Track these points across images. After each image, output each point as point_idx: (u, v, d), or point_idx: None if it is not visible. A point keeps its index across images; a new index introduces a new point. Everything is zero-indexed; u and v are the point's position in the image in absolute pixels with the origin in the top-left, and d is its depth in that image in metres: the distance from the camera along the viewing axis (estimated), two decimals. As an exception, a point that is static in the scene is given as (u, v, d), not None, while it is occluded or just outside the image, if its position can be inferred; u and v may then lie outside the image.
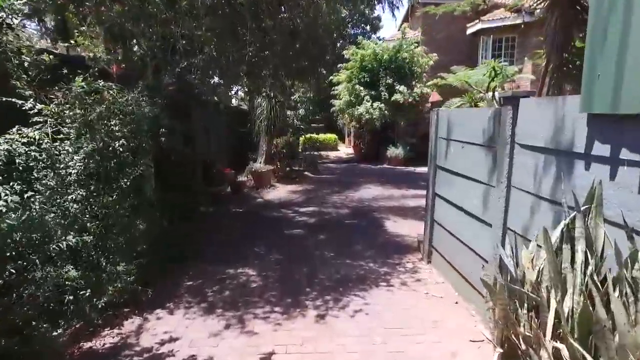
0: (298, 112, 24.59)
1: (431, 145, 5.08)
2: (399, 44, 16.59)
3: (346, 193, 10.35)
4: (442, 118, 4.72)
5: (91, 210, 3.61)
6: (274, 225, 7.05)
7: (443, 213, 4.72)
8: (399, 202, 9.23)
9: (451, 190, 4.45)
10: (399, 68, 16.48)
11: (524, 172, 2.99)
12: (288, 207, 8.62)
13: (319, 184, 11.91)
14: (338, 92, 18.57)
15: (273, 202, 9.26)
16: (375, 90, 16.66)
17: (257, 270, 4.89)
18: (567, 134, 2.47)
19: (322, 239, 6.24)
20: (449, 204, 4.48)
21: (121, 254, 3.73)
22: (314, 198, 9.67)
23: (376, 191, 10.63)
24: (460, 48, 18.92)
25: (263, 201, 9.36)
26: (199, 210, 7.35)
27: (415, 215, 7.82)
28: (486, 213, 3.58)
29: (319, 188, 11.10)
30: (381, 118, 16.40)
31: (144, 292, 3.81)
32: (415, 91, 16.21)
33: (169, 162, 5.16)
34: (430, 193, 5.12)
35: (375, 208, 8.55)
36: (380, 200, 9.37)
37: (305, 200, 9.38)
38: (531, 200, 2.89)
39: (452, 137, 4.39)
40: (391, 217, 7.73)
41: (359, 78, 16.91)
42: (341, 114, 18.47)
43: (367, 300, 4.08)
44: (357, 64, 17.06)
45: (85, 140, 3.50)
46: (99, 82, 3.90)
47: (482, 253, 3.65)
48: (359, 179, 12.89)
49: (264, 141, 12.37)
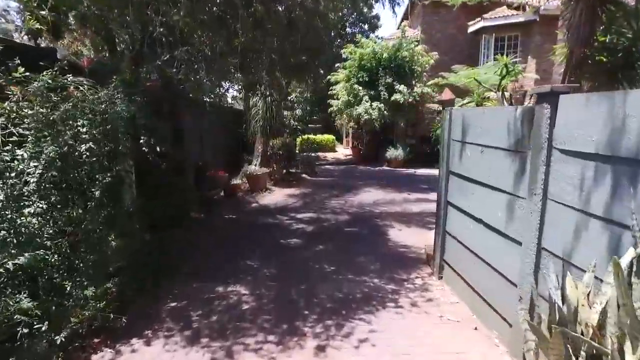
0: (295, 112, 24.19)
1: (442, 148, 4.60)
2: (398, 43, 16.11)
3: (345, 197, 9.85)
4: (456, 118, 4.24)
5: (55, 225, 3.10)
6: (270, 234, 6.54)
7: (457, 224, 4.24)
8: (402, 207, 8.74)
9: (468, 199, 3.96)
10: (398, 67, 16.01)
11: (565, 182, 2.50)
12: (284, 212, 8.11)
13: (316, 187, 11.41)
14: (336, 91, 18.08)
15: (269, 207, 8.75)
16: (375, 90, 16.19)
17: (250, 288, 4.38)
18: (633, 138, 1.99)
19: (321, 250, 5.74)
20: (465, 214, 3.99)
21: (91, 275, 3.22)
22: (312, 203, 9.17)
23: (377, 195, 10.15)
24: (460, 47, 18.50)
25: (258, 206, 8.85)
26: (189, 217, 6.84)
27: (420, 222, 7.35)
28: (513, 228, 3.10)
29: (317, 192, 10.60)
30: (380, 118, 15.92)
31: (117, 319, 3.29)
32: (415, 91, 15.74)
33: (154, 166, 4.65)
34: (441, 201, 4.63)
35: (377, 214, 8.06)
36: (381, 205, 8.88)
37: (302, 205, 8.88)
38: (576, 218, 2.40)
39: (469, 139, 3.90)
40: (394, 224, 7.24)
41: (357, 77, 16.43)
42: (339, 114, 17.97)
43: (374, 325, 3.58)
44: (355, 63, 16.58)
45: (46, 143, 2.98)
46: (67, 77, 3.40)
47: (507, 273, 3.17)
48: (359, 181, 12.40)
49: (259, 142, 11.86)
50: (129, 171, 4.34)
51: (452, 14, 18.36)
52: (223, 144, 12.61)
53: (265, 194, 10.25)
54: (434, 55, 16.11)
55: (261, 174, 10.51)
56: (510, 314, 3.10)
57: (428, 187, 11.38)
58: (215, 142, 11.63)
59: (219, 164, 11.61)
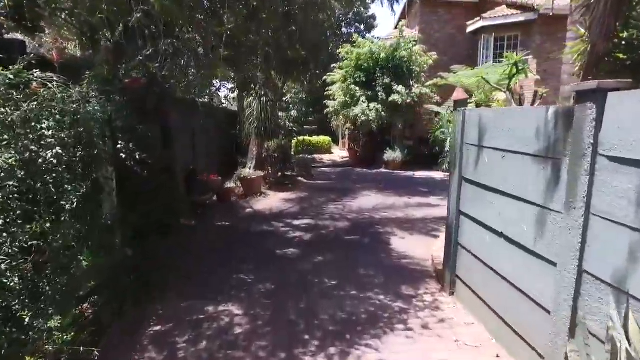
0: (290, 113, 23.76)
1: (454, 152, 4.21)
2: (396, 42, 15.77)
3: (344, 201, 9.45)
4: (470, 120, 3.85)
5: (15, 243, 2.66)
6: (265, 243, 6.11)
7: (472, 237, 3.85)
8: (403, 212, 8.35)
9: (485, 209, 3.57)
10: (396, 67, 15.66)
11: (615, 196, 2.11)
12: (280, 219, 7.70)
13: (313, 191, 11.00)
14: (332, 92, 17.70)
15: (263, 212, 8.33)
16: (372, 90, 15.83)
17: (244, 307, 3.96)
18: None
19: (320, 262, 5.33)
20: (482, 226, 3.60)
21: (58, 301, 2.78)
22: (309, 208, 8.76)
23: (376, 199, 9.76)
24: (459, 47, 18.20)
25: (253, 212, 8.42)
26: (178, 225, 6.40)
27: (424, 230, 6.97)
28: (544, 245, 2.71)
29: (314, 196, 10.19)
30: (378, 120, 15.56)
31: (89, 353, 2.86)
32: (414, 92, 15.39)
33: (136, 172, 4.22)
34: (452, 210, 4.24)
35: (378, 220, 7.67)
36: (382, 211, 8.49)
37: (299, 211, 8.46)
38: (631, 237, 2.01)
39: (487, 143, 3.52)
40: (397, 231, 6.85)
41: (354, 78, 16.06)
42: (335, 115, 17.59)
43: (383, 353, 3.18)
44: (352, 63, 16.21)
45: (3, 149, 2.55)
46: (33, 73, 2.98)
47: (537, 297, 2.78)
48: (356, 185, 12.01)
49: (254, 144, 11.44)
50: (108, 178, 3.90)
51: (450, 13, 18.11)
52: (216, 146, 12.17)
53: (260, 198, 9.83)
54: (432, 55, 15.78)
55: (256, 177, 10.09)
56: (541, 344, 2.71)
57: (428, 191, 11.03)
58: (208, 145, 11.19)
59: (211, 168, 11.17)
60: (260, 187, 10.40)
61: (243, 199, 9.73)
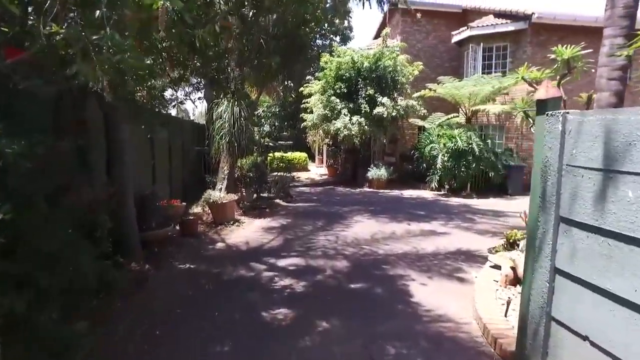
0: (263, 128, 22.21)
1: (545, 179, 2.77)
2: (379, 51, 14.63)
3: (335, 230, 7.94)
4: (584, 129, 2.43)
5: None
6: (241, 301, 4.47)
7: (584, 311, 2.41)
8: (409, 244, 6.93)
9: (615, 272, 2.15)
10: (380, 78, 14.51)
11: None
12: (261, 257, 6.08)
13: (296, 216, 9.44)
14: (310, 105, 16.33)
15: (239, 248, 6.69)
16: (354, 102, 14.58)
17: None
18: None
19: (323, 332, 3.76)
20: (608, 297, 2.18)
21: None
22: (295, 240, 7.19)
23: (371, 226, 8.31)
24: (441, 59, 17.38)
25: (224, 247, 6.76)
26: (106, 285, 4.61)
27: (444, 270, 5.54)
28: None
29: (298, 223, 8.63)
30: (361, 134, 14.27)
31: None
32: (399, 104, 14.21)
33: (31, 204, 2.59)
34: (539, 265, 2.79)
35: (382, 256, 6.20)
36: (382, 242, 7.03)
37: (283, 245, 6.87)
38: None
39: (629, 167, 2.12)
40: (411, 273, 5.38)
41: (334, 89, 14.79)
42: (314, 129, 16.20)
43: None
44: (332, 72, 14.93)
45: None
46: None
47: None
48: (343, 207, 10.54)
49: (225, 162, 9.79)
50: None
51: (432, 23, 17.25)
52: (181, 164, 10.46)
53: (233, 227, 8.17)
54: (418, 65, 14.72)
55: (228, 202, 8.43)
56: None
57: (426, 214, 9.70)
58: (171, 163, 9.48)
59: (175, 191, 9.46)
60: (233, 213, 8.75)
61: (213, 228, 8.05)
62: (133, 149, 6.75)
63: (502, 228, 8.34)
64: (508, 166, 13.02)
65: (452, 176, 12.90)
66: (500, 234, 7.80)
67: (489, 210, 10.43)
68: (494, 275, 4.89)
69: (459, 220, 9.07)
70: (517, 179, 13.17)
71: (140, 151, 7.41)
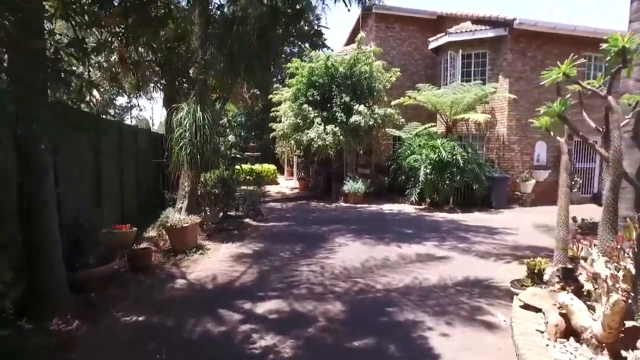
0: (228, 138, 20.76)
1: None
2: (355, 56, 13.71)
3: (318, 257, 6.76)
4: None
5: None
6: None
7: None
8: (409, 274, 5.85)
9: None
10: (355, 84, 13.54)
11: None
12: (231, 301, 4.79)
13: (270, 239, 8.18)
14: (280, 113, 15.17)
15: (203, 285, 5.37)
16: (328, 111, 13.53)
17: None
18: None
19: None
20: None
21: None
22: (272, 273, 5.93)
23: (358, 250, 7.21)
24: (416, 66, 16.71)
25: (185, 286, 5.41)
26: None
27: (463, 311, 4.49)
28: None
29: (274, 248, 7.39)
30: (336, 145, 13.23)
31: None
32: (377, 112, 13.29)
33: None
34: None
35: (382, 293, 5.08)
36: (378, 273, 5.92)
37: (259, 280, 5.61)
38: None
39: None
40: (425, 318, 4.28)
41: (307, 96, 13.68)
42: (285, 139, 15.01)
43: None
44: (304, 79, 13.85)
45: None
46: None
47: None
48: (322, 227, 9.37)
49: (186, 177, 8.40)
50: None
51: (406, 30, 16.58)
52: (134, 181, 9.00)
53: (195, 256, 6.81)
54: (396, 72, 13.90)
55: (189, 225, 7.06)
56: None
57: (414, 233, 8.72)
58: (121, 180, 8.03)
59: (128, 212, 8.02)
60: (195, 238, 7.39)
61: (171, 257, 6.67)
62: (68, 163, 5.35)
63: (503, 248, 7.50)
64: (491, 178, 12.33)
65: (435, 189, 12.04)
66: (505, 257, 6.93)
67: (480, 226, 9.58)
68: (532, 322, 3.87)
69: (453, 240, 8.12)
70: (501, 191, 12.51)
71: (79, 167, 5.98)
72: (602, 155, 3.89)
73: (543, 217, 10.80)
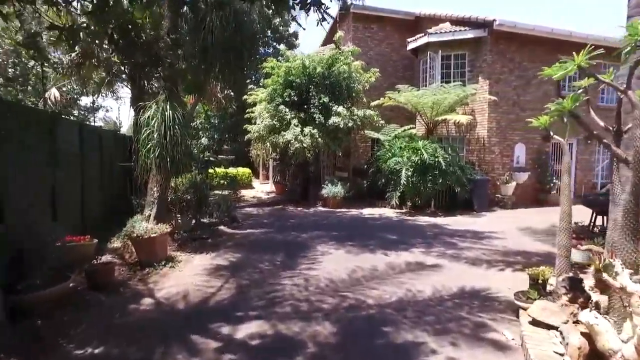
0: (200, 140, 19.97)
1: None
2: (333, 55, 13.28)
3: (300, 268, 6.23)
4: None
5: None
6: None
7: None
8: (399, 285, 5.41)
9: None
10: (334, 84, 13.11)
11: None
12: (206, 324, 4.19)
13: (247, 248, 7.59)
14: (255, 115, 14.56)
15: (174, 305, 4.74)
16: (305, 112, 13.03)
17: None
18: None
19: None
20: None
21: None
22: (252, 287, 5.36)
23: (343, 259, 6.72)
24: (395, 67, 16.46)
25: (152, 305, 4.77)
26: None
27: (466, 327, 4.08)
28: None
29: (252, 259, 6.80)
30: (314, 147, 12.74)
31: None
32: (356, 113, 12.88)
33: None
34: None
35: (375, 309, 4.60)
36: (366, 284, 5.46)
37: (237, 297, 5.02)
38: None
39: None
40: (426, 338, 3.83)
41: (283, 97, 13.15)
42: (261, 142, 14.41)
43: None
44: (280, 79, 13.31)
45: None
46: None
47: None
48: (302, 234, 8.85)
49: (155, 182, 7.71)
50: None
51: (384, 30, 16.31)
52: (98, 186, 8.23)
53: (165, 269, 6.15)
54: (375, 72, 13.56)
55: (158, 235, 6.39)
56: None
57: (399, 239, 8.33)
58: (82, 186, 7.26)
59: (90, 221, 7.27)
60: (165, 249, 6.72)
61: (138, 272, 5.99)
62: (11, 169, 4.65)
63: (493, 254, 7.19)
64: (473, 180, 12.13)
65: (417, 192, 11.72)
66: (497, 264, 6.60)
67: (465, 231, 9.29)
68: (547, 342, 3.47)
69: (441, 246, 7.76)
70: (482, 194, 12.32)
71: (26, 173, 5.23)
72: (618, 156, 3.54)
73: (526, 220, 10.65)
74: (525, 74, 13.32)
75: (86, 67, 9.02)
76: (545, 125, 5.02)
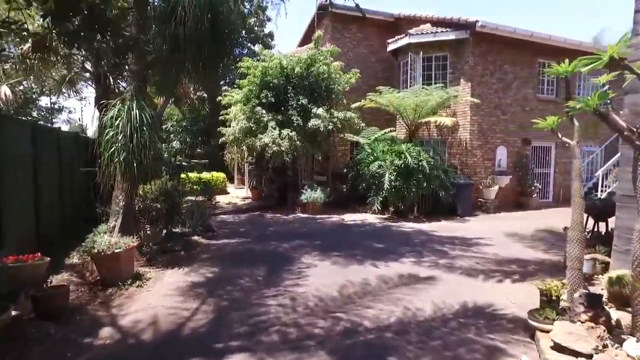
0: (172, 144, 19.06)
1: None
2: (312, 55, 12.76)
3: (285, 284, 5.63)
4: None
5: None
6: None
7: None
8: (396, 302, 4.91)
9: None
10: (313, 85, 12.59)
11: None
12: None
13: (224, 261, 6.92)
14: (230, 117, 13.86)
15: (140, 337, 4.05)
16: (283, 114, 12.46)
17: None
18: None
19: None
20: None
21: None
22: (232, 310, 4.73)
23: (331, 273, 6.17)
24: (375, 69, 16.11)
25: (115, 337, 4.07)
26: None
27: (478, 352, 3.59)
28: None
29: (230, 274, 6.15)
30: (292, 150, 12.17)
31: None
32: (336, 116, 12.39)
33: None
34: None
35: (373, 333, 4.06)
36: (359, 302, 4.92)
37: (215, 324, 4.37)
38: None
39: None
40: (438, 370, 3.33)
41: (259, 98, 12.53)
42: (236, 145, 13.72)
43: None
44: (257, 79, 12.69)
45: None
46: None
47: None
48: (283, 244, 8.24)
49: (120, 190, 6.94)
50: None
51: (363, 31, 15.94)
52: (57, 194, 7.41)
53: (131, 289, 5.43)
54: (355, 73, 13.12)
55: (123, 251, 5.64)
56: None
57: (387, 248, 7.88)
58: (36, 194, 6.44)
59: (46, 234, 6.46)
60: (132, 266, 5.98)
61: (99, 293, 5.25)
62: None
63: (487, 263, 6.82)
64: (456, 184, 11.84)
65: (400, 197, 11.32)
66: (494, 274, 6.21)
67: (453, 237, 8.92)
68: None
69: (431, 255, 7.34)
70: (466, 198, 12.05)
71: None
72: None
73: (511, 225, 10.42)
74: (505, 77, 13.21)
75: (38, 60, 8.12)
76: (553, 127, 4.66)
